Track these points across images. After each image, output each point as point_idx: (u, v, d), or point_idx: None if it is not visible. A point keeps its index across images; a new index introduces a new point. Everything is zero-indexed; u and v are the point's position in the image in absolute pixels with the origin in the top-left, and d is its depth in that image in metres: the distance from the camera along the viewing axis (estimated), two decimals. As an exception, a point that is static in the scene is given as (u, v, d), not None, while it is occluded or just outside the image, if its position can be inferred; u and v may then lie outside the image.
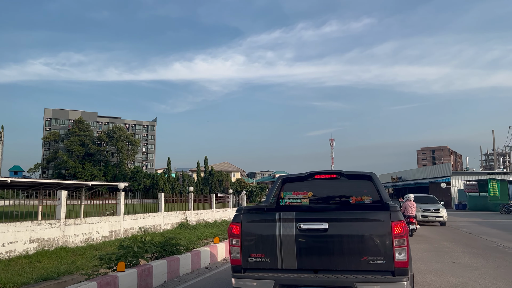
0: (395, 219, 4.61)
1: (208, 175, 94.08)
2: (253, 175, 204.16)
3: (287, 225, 4.85)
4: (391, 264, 4.55)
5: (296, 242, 4.78)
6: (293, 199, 6.39)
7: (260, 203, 74.88)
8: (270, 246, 4.86)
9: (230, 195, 30.07)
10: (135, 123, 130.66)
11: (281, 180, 6.56)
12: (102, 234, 15.65)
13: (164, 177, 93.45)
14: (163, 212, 20.21)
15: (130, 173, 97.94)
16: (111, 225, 16.26)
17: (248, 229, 4.99)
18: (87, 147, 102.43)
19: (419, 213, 21.50)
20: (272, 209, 5.82)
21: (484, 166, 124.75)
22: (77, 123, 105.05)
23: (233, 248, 5.04)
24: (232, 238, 5.06)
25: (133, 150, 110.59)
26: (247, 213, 5.15)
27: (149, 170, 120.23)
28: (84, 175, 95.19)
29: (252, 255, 4.94)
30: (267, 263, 4.89)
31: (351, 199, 6.27)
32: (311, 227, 4.78)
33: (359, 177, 6.36)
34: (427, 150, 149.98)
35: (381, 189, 6.10)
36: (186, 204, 23.56)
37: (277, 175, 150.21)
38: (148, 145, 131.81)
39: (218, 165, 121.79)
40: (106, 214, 19.00)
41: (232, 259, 5.05)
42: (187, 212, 22.72)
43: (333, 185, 6.37)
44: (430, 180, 59.46)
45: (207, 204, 26.68)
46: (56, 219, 13.45)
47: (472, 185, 50.59)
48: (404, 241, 4.56)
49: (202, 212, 24.73)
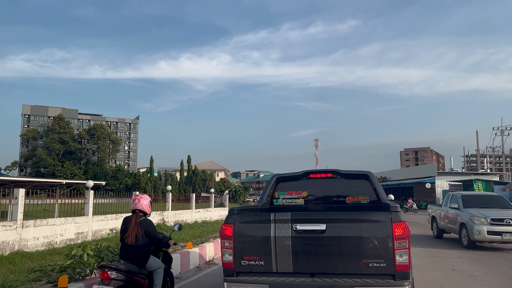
0: (396, 220, 4.38)
1: (191, 174, 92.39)
2: (237, 174, 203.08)
3: (283, 226, 4.60)
4: (392, 267, 4.32)
5: (292, 244, 4.55)
6: (288, 199, 6.18)
7: (244, 202, 73.99)
8: (264, 249, 4.63)
9: (211, 194, 28.79)
10: (117, 120, 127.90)
11: (275, 179, 6.29)
12: (67, 236, 14.25)
13: (147, 176, 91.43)
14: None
15: (112, 172, 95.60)
16: (78, 227, 14.85)
17: (241, 231, 4.76)
18: (67, 144, 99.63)
19: (484, 226, 12.32)
20: (266, 209, 5.74)
21: (466, 167, 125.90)
22: (57, 120, 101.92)
23: (225, 251, 4.80)
24: (224, 240, 4.82)
25: (115, 148, 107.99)
26: (240, 213, 4.93)
27: (131, 169, 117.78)
28: (64, 174, 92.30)
29: (245, 258, 4.71)
30: (261, 266, 4.65)
31: (348, 199, 6.01)
32: (308, 228, 4.53)
33: (355, 177, 6.11)
34: (410, 151, 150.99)
35: (379, 188, 5.81)
36: (164, 204, 22.19)
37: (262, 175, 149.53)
38: (131, 143, 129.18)
39: (202, 164, 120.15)
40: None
41: (224, 262, 4.81)
42: (165, 212, 21.37)
43: (328, 185, 6.13)
44: (414, 180, 59.12)
45: (187, 204, 25.35)
46: (11, 220, 12.02)
47: (456, 186, 50.18)
48: (406, 243, 4.34)
49: (181, 212, 23.39)
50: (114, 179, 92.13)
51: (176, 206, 23.74)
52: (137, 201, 5.75)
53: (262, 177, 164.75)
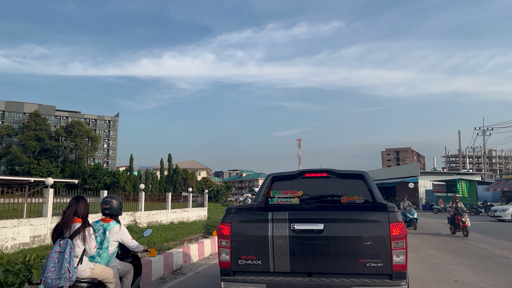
0: (393, 220, 4.42)
1: (172, 173, 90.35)
2: (220, 174, 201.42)
3: (280, 225, 4.62)
4: (389, 267, 4.34)
5: (289, 243, 4.55)
6: (283, 198, 6.12)
7: (226, 202, 72.43)
8: (261, 248, 4.62)
9: (189, 194, 27.33)
10: (96, 118, 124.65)
11: (270, 179, 6.20)
12: (21, 240, 12.66)
13: (126, 174, 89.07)
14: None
15: (90, 170, 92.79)
16: (34, 229, 13.27)
17: (238, 230, 4.76)
18: (43, 142, 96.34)
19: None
20: (262, 208, 5.79)
21: (447, 167, 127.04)
22: (33, 116, 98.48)
23: (222, 250, 4.79)
24: (221, 239, 4.81)
25: (93, 146, 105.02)
26: (238, 212, 4.94)
27: (110, 167, 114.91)
28: (40, 172, 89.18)
29: (242, 257, 4.69)
30: (258, 266, 4.65)
31: (343, 198, 5.94)
32: (306, 228, 4.54)
33: (351, 176, 6.04)
34: (392, 151, 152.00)
35: (374, 189, 5.70)
36: (136, 203, 20.63)
37: (244, 174, 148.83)
38: (110, 141, 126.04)
39: (183, 163, 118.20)
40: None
41: (221, 261, 4.80)
42: (137, 213, 19.84)
43: (323, 184, 6.07)
44: (397, 180, 58.64)
45: (162, 204, 23.80)
46: (-51, 223, 10.44)
47: (440, 186, 49.89)
48: (403, 243, 4.36)
49: (156, 213, 21.87)
50: (92, 178, 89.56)
51: (150, 206, 22.20)
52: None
53: (245, 176, 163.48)
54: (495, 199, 43.57)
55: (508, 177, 43.11)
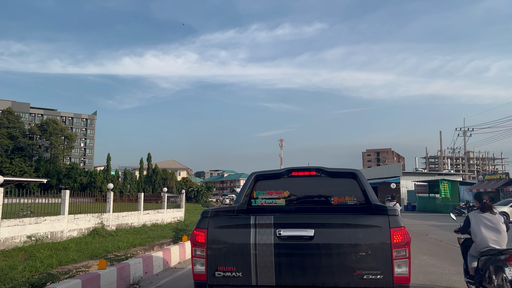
0: (395, 225, 3.95)
1: (151, 173, 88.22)
2: (201, 174, 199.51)
3: (264, 231, 4.11)
4: (390, 279, 3.85)
5: (275, 252, 4.04)
6: (267, 199, 5.52)
7: (206, 203, 70.82)
8: (242, 258, 4.09)
9: (164, 194, 25.78)
10: (73, 116, 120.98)
11: (253, 178, 5.58)
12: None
13: (103, 174, 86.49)
14: (67, 215, 15.60)
15: (65, 170, 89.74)
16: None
17: (216, 236, 4.21)
18: (16, 140, 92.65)
19: None
20: (244, 210, 5.27)
21: (428, 168, 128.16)
22: (6, 113, 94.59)
23: (196, 260, 4.23)
24: (195, 248, 4.25)
25: (69, 145, 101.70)
26: (215, 216, 4.35)
27: (87, 167, 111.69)
28: (13, 171, 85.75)
29: (220, 269, 4.14)
30: (238, 279, 4.10)
31: (333, 199, 5.36)
32: (294, 234, 4.06)
33: (342, 175, 5.49)
34: (372, 152, 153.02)
35: (368, 189, 5.16)
36: (104, 204, 19.02)
37: (226, 174, 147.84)
38: (87, 140, 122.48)
39: (163, 163, 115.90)
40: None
41: (195, 274, 4.23)
42: (104, 214, 18.23)
43: (312, 184, 5.50)
44: (379, 180, 58.25)
45: (134, 205, 22.20)
46: None
47: (422, 186, 49.55)
48: (405, 252, 3.89)
49: (126, 214, 20.27)
50: (68, 178, 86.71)
51: (120, 207, 20.59)
52: None
53: (226, 176, 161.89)
54: (477, 200, 43.33)
55: (491, 178, 42.93)
